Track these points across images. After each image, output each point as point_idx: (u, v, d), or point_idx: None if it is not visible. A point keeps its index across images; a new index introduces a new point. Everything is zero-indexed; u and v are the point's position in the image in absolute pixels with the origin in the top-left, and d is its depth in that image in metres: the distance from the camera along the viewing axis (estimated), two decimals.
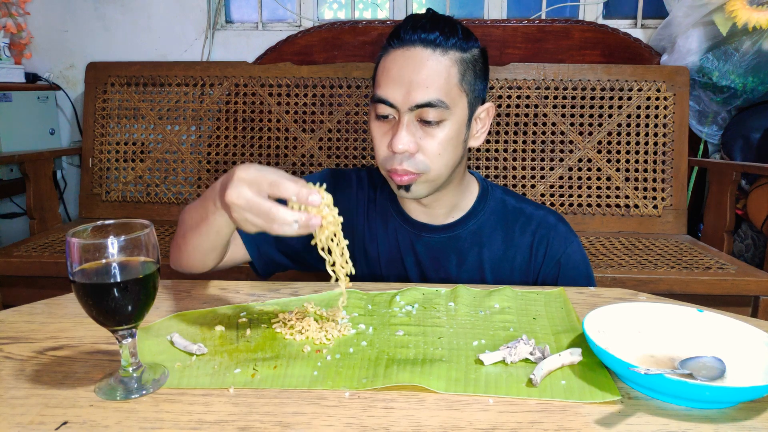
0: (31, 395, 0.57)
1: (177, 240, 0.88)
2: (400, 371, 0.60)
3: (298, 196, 0.61)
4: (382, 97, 0.83)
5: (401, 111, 0.82)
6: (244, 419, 0.53)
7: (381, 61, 0.86)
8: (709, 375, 0.58)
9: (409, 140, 0.82)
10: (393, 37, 0.84)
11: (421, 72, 0.81)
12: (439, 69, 0.81)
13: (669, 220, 2.06)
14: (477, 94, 0.87)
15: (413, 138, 0.82)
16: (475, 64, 0.86)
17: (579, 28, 2.26)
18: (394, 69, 0.82)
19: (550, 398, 0.56)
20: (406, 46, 0.83)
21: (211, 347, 0.67)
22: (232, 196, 0.63)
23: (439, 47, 0.82)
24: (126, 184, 2.23)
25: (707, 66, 2.04)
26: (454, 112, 0.83)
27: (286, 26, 2.44)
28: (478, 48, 0.87)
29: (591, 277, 0.98)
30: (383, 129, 0.85)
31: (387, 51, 0.85)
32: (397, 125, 0.83)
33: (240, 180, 0.63)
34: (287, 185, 0.61)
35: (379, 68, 0.86)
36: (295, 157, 2.19)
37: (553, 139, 2.11)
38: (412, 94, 0.80)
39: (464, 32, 0.85)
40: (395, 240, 0.98)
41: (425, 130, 0.83)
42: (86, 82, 2.27)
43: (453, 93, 0.82)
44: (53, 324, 0.73)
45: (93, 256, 0.54)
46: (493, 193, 0.99)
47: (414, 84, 0.80)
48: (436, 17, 0.85)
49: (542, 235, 0.95)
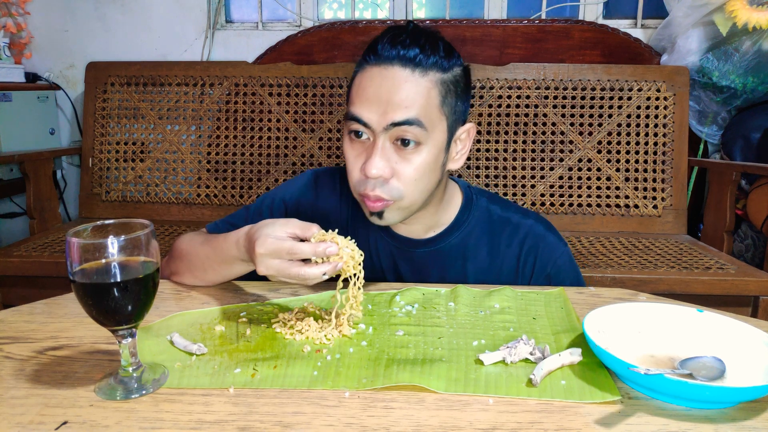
0: (31, 395, 0.57)
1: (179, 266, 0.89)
2: (400, 371, 0.60)
3: (317, 255, 0.68)
4: (357, 115, 0.78)
5: (376, 132, 0.77)
6: (244, 419, 0.53)
7: (356, 77, 0.80)
8: (709, 375, 0.58)
9: (383, 165, 0.77)
10: (370, 52, 0.79)
11: (399, 93, 0.76)
12: (418, 90, 0.76)
13: (669, 220, 2.06)
14: (457, 116, 0.83)
15: (388, 163, 0.77)
16: (456, 85, 0.81)
17: (579, 28, 2.26)
18: (370, 88, 0.77)
19: (550, 398, 0.56)
20: (383, 64, 0.77)
21: (211, 347, 0.67)
22: (262, 270, 0.71)
23: (418, 67, 0.77)
24: (126, 183, 2.23)
25: (707, 66, 2.04)
26: (432, 136, 0.78)
27: (286, 26, 2.44)
28: (460, 66, 0.83)
29: (580, 280, 0.95)
30: (356, 150, 0.81)
31: (363, 67, 0.80)
32: (371, 148, 0.78)
33: (262, 256, 0.70)
34: (304, 249, 0.68)
35: (355, 84, 0.80)
36: (295, 156, 2.19)
37: (553, 139, 2.11)
38: (389, 114, 0.76)
39: (446, 49, 0.80)
40: (377, 253, 0.95)
41: (401, 154, 0.78)
42: (86, 82, 2.27)
43: (432, 115, 0.78)
44: (53, 324, 0.73)
45: (93, 255, 0.54)
46: (477, 203, 0.95)
47: (391, 104, 0.76)
48: (416, 32, 0.79)
49: (531, 246, 0.92)
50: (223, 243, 0.82)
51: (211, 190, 2.21)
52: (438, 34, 0.82)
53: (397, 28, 0.80)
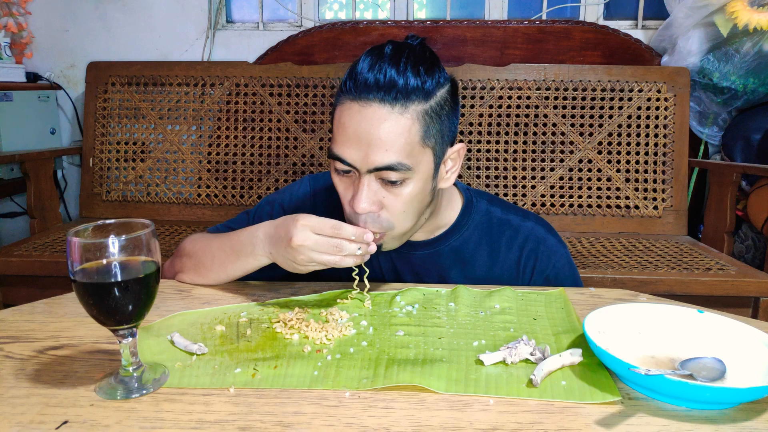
0: (32, 394, 0.57)
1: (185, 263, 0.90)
2: (401, 371, 0.60)
3: (357, 236, 0.73)
4: (340, 156, 0.76)
5: (361, 171, 0.76)
6: (244, 419, 0.53)
7: (337, 110, 0.78)
8: (710, 376, 0.58)
9: (371, 202, 0.76)
10: (348, 80, 0.75)
11: (379, 133, 0.73)
12: (398, 130, 0.73)
13: (669, 221, 2.06)
14: (445, 139, 0.80)
15: (375, 198, 0.76)
16: (441, 110, 0.77)
17: (580, 28, 2.26)
18: (350, 127, 0.75)
19: (550, 399, 0.56)
20: (362, 101, 0.74)
21: (212, 347, 0.67)
22: (299, 239, 0.73)
23: (398, 101, 0.73)
24: (126, 183, 2.23)
25: (708, 67, 2.04)
26: (417, 170, 0.76)
27: (286, 26, 2.45)
28: (445, 85, 0.78)
29: (578, 282, 0.95)
30: (345, 183, 0.80)
31: (342, 100, 0.76)
32: (358, 183, 0.77)
33: (304, 227, 0.73)
34: (347, 228, 0.73)
35: (336, 118, 0.78)
36: (296, 157, 2.19)
37: (553, 139, 2.11)
38: (370, 157, 0.74)
39: (428, 70, 0.75)
40: (375, 255, 0.94)
41: (388, 189, 0.77)
42: (87, 82, 2.27)
43: (415, 152, 0.75)
44: (54, 323, 0.73)
45: (94, 255, 0.55)
46: (477, 205, 0.94)
47: (372, 146, 0.73)
48: (396, 55, 0.74)
49: (530, 250, 0.92)
50: (239, 235, 0.85)
51: (211, 190, 2.21)
52: (421, 50, 0.77)
53: (375, 51, 0.76)
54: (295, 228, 0.73)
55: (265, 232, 0.81)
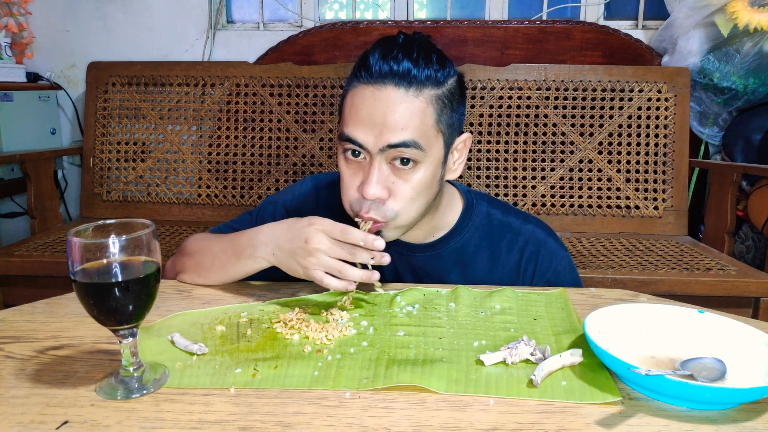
0: (32, 394, 0.57)
1: (187, 263, 0.90)
2: (401, 371, 0.60)
3: (365, 241, 0.73)
4: (352, 137, 0.76)
5: (372, 153, 0.75)
6: (244, 419, 0.53)
7: (348, 95, 0.78)
8: (710, 376, 0.58)
9: (381, 187, 0.76)
10: (361, 68, 0.76)
11: (394, 115, 0.74)
12: (413, 111, 0.74)
13: (670, 221, 2.06)
14: (454, 128, 0.81)
15: (385, 183, 0.76)
16: (452, 99, 0.79)
17: (580, 29, 2.26)
18: (363, 109, 0.75)
19: (550, 399, 0.56)
20: (376, 84, 0.74)
21: (212, 347, 0.67)
22: (315, 242, 0.74)
23: (412, 86, 0.74)
24: (127, 183, 2.23)
25: (708, 67, 2.04)
26: (429, 155, 0.77)
27: (287, 26, 2.45)
28: (454, 76, 0.80)
29: (579, 283, 0.95)
30: (353, 169, 0.79)
31: (355, 85, 0.77)
32: (368, 168, 0.76)
33: (316, 230, 0.74)
34: (356, 233, 0.73)
35: (347, 103, 0.78)
36: (296, 157, 2.19)
37: (553, 140, 2.11)
38: (384, 136, 0.74)
39: (439, 60, 0.77)
40: None
41: (398, 173, 0.77)
42: (87, 82, 2.27)
43: (429, 134, 0.76)
44: (54, 323, 0.73)
45: (94, 255, 0.54)
46: (478, 208, 0.94)
47: (386, 126, 0.74)
48: (408, 44, 0.76)
49: (531, 253, 0.92)
50: (240, 237, 0.85)
51: (211, 190, 2.21)
52: (429, 42, 0.79)
53: (387, 40, 0.77)
54: (310, 230, 0.74)
55: (269, 233, 0.80)
